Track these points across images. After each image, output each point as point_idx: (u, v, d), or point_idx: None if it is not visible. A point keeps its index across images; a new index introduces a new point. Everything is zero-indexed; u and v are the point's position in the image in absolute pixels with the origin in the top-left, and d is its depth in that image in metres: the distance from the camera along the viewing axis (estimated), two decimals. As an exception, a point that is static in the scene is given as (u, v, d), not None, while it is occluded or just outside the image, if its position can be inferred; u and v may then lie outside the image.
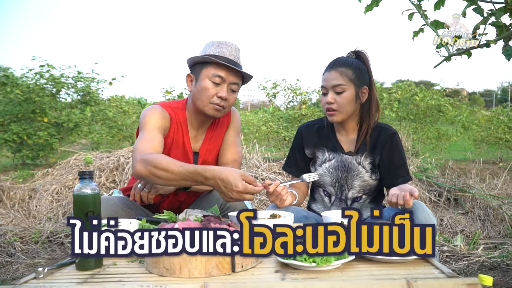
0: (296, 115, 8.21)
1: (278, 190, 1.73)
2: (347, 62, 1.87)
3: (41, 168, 7.98)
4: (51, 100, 7.87)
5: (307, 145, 2.00)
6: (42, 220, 4.35)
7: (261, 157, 5.32)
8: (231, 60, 1.85)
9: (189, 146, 1.96)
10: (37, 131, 7.61)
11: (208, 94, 1.84)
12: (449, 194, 5.47)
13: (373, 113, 1.90)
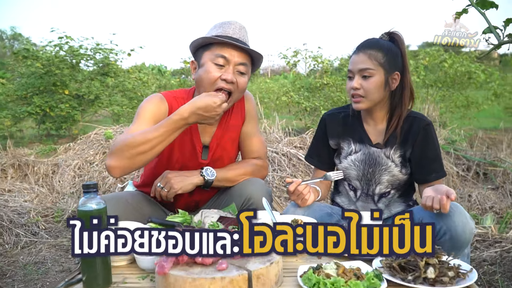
0: (318, 84, 7.98)
1: (299, 189, 1.62)
2: (378, 44, 1.70)
3: (64, 140, 8.10)
4: (71, 72, 7.87)
5: (331, 135, 1.86)
6: (65, 196, 4.40)
7: (282, 130, 5.20)
8: (235, 39, 1.68)
9: (197, 139, 1.82)
10: (58, 103, 7.66)
11: (211, 78, 1.66)
12: (478, 168, 5.27)
13: (405, 102, 1.72)
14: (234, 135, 1.89)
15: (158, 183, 1.64)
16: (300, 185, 1.63)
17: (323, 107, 7.61)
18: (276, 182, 3.92)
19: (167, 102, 1.77)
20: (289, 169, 4.20)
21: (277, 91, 12.55)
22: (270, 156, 4.33)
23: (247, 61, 1.72)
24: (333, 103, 7.67)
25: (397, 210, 1.82)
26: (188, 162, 1.81)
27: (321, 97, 7.93)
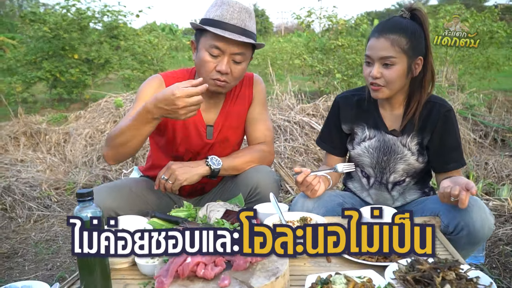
0: (332, 46, 7.72)
1: (308, 180, 1.54)
2: (401, 26, 1.53)
3: (76, 105, 8.10)
4: (79, 35, 7.73)
5: (344, 119, 1.75)
6: (78, 165, 4.41)
7: (294, 96, 5.07)
8: (231, 26, 1.57)
9: (200, 119, 1.75)
10: (68, 68, 7.58)
11: (206, 68, 1.61)
12: (496, 134, 5.12)
13: (425, 86, 1.59)
14: (239, 117, 1.82)
15: (162, 175, 1.58)
16: (309, 175, 1.54)
17: (337, 69, 7.40)
18: (288, 153, 3.85)
19: (166, 84, 1.71)
20: (301, 139, 4.12)
21: (290, 51, 12.26)
22: (282, 125, 4.24)
23: (244, 49, 1.61)
24: (347, 65, 7.46)
25: (413, 198, 1.74)
26: (192, 142, 1.76)
27: (335, 59, 7.70)
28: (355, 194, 1.81)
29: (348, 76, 7.37)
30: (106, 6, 8.02)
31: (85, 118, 5.23)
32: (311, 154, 3.99)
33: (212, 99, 1.77)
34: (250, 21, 1.63)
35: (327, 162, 1.83)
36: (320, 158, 3.95)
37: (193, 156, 1.80)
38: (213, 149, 1.79)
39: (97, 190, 1.64)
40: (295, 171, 1.55)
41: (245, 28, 1.60)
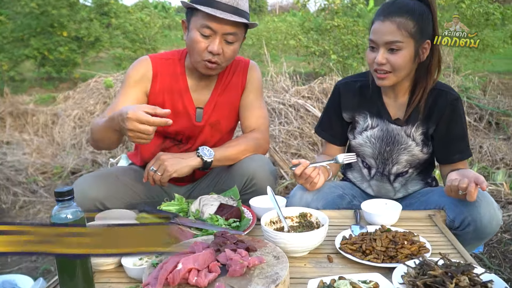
0: (328, 27, 7.56)
1: (307, 172, 1.45)
2: (408, 8, 1.42)
3: (65, 85, 7.91)
4: (68, 12, 7.49)
5: (345, 107, 1.65)
6: (66, 147, 4.30)
7: (289, 78, 4.96)
8: (223, 5, 1.48)
9: (189, 100, 1.67)
10: (57, 46, 7.36)
11: (197, 49, 1.53)
12: (491, 118, 5.07)
13: (432, 72, 1.49)
14: (232, 101, 1.73)
15: (151, 166, 1.49)
16: (308, 167, 1.46)
17: (333, 50, 7.27)
18: (282, 136, 3.76)
19: (152, 67, 1.64)
20: (296, 122, 4.03)
21: (285, 31, 12.05)
22: (276, 108, 4.14)
23: (236, 29, 1.53)
24: (343, 46, 7.32)
25: (415, 189, 1.67)
26: (182, 124, 1.69)
27: (331, 39, 7.55)
28: (355, 185, 1.73)
29: (343, 57, 7.24)
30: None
31: (74, 98, 5.09)
32: (306, 137, 3.91)
33: (203, 81, 1.68)
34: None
35: (326, 151, 1.75)
36: (316, 142, 3.88)
37: (184, 138, 1.72)
38: (203, 133, 1.71)
39: (82, 180, 1.58)
40: (292, 163, 1.46)
41: (238, 7, 1.52)
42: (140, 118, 1.27)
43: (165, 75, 1.65)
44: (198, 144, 1.72)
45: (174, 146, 1.73)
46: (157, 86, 1.64)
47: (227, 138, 1.82)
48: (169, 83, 1.65)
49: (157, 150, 1.70)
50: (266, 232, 1.19)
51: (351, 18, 7.86)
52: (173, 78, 1.66)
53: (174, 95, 1.66)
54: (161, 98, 1.65)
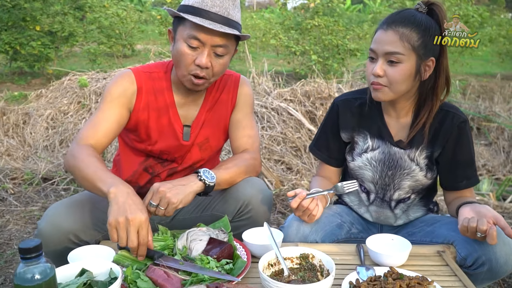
0: (309, 26, 7.50)
1: (304, 204, 1.34)
2: (414, 19, 1.34)
3: (38, 81, 7.61)
4: (41, 6, 7.19)
5: (344, 127, 1.55)
6: (38, 149, 4.10)
7: (271, 80, 4.86)
8: (213, 15, 1.37)
9: (176, 118, 1.55)
10: (30, 40, 7.06)
11: (184, 61, 1.42)
12: (472, 123, 5.09)
13: (438, 93, 1.41)
14: (221, 119, 1.62)
15: (148, 201, 1.30)
16: (305, 199, 1.34)
17: (313, 50, 7.21)
18: (265, 142, 3.67)
19: (136, 81, 1.51)
20: (279, 126, 3.94)
21: (263, 28, 11.97)
22: (259, 112, 4.05)
23: (226, 41, 1.41)
24: (323, 47, 7.28)
25: (416, 215, 1.58)
26: (168, 143, 1.57)
27: (311, 39, 7.50)
28: (351, 209, 1.64)
29: (324, 57, 7.21)
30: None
31: (46, 97, 4.86)
32: (289, 143, 3.83)
33: (190, 96, 1.57)
34: (234, 9, 1.42)
35: (321, 173, 1.65)
36: (299, 147, 3.80)
37: (170, 157, 1.60)
38: (191, 152, 1.60)
39: (53, 210, 1.39)
40: (288, 195, 1.34)
41: (229, 17, 1.40)
42: (142, 233, 1.16)
43: (149, 90, 1.53)
44: (185, 164, 1.60)
45: (158, 164, 1.61)
46: (141, 102, 1.52)
47: (215, 158, 1.72)
48: (154, 99, 1.53)
49: (140, 168, 1.58)
50: (266, 281, 1.07)
51: (331, 18, 7.81)
52: (158, 93, 1.54)
53: (160, 111, 1.54)
54: (146, 115, 1.53)
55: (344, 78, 5.21)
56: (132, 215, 1.15)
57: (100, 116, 1.47)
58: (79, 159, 1.35)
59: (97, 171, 1.29)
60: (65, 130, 4.26)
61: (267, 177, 3.12)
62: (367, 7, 21.36)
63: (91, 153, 1.37)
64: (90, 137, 1.44)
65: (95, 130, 1.45)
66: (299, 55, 7.53)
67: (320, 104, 4.36)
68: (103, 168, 1.32)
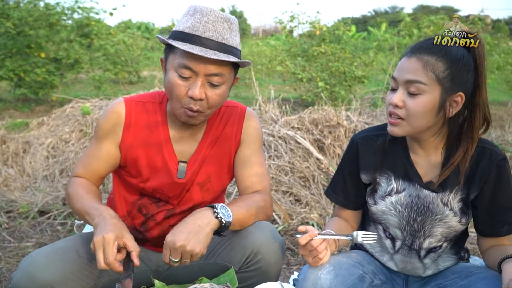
0: (315, 53, 7.45)
1: (313, 244, 1.18)
2: (443, 48, 1.19)
3: (42, 107, 7.56)
4: (47, 33, 7.20)
5: (365, 167, 1.38)
6: (37, 179, 3.97)
7: (278, 108, 4.75)
8: (205, 40, 1.24)
9: (170, 153, 1.41)
10: (34, 67, 7.04)
11: (176, 93, 1.28)
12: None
13: (474, 135, 1.24)
14: (224, 156, 1.46)
15: (169, 258, 1.18)
16: (315, 239, 1.18)
17: (320, 77, 7.14)
18: (272, 172, 3.51)
19: (126, 115, 1.39)
20: (287, 155, 3.79)
21: (269, 55, 12.01)
22: (266, 140, 3.91)
23: (221, 69, 1.27)
24: (330, 74, 7.20)
25: (447, 265, 1.40)
26: (160, 181, 1.41)
27: (318, 66, 7.44)
28: (372, 256, 1.46)
29: (331, 84, 7.12)
30: (77, 1, 7.51)
31: (48, 125, 4.77)
32: (297, 173, 3.67)
33: (188, 130, 1.42)
34: (230, 33, 1.29)
35: (338, 214, 1.48)
36: (307, 178, 3.64)
37: (163, 197, 1.44)
38: (191, 193, 1.44)
39: (30, 260, 1.23)
40: (299, 230, 1.19)
41: (223, 42, 1.27)
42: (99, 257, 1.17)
43: (141, 125, 1.40)
44: (184, 206, 1.44)
45: (152, 204, 1.45)
46: (129, 138, 1.39)
47: (220, 200, 1.56)
48: (145, 135, 1.39)
49: (134, 208, 1.43)
50: None
51: (337, 45, 7.78)
52: (152, 128, 1.40)
53: (152, 148, 1.40)
54: (135, 152, 1.39)
55: (353, 106, 5.09)
56: (107, 234, 1.17)
57: (91, 152, 1.43)
58: (70, 195, 1.37)
59: (84, 204, 1.31)
60: (65, 159, 4.13)
61: (275, 210, 2.95)
62: (371, 34, 21.54)
63: (80, 184, 1.38)
64: (82, 174, 1.43)
65: (86, 168, 1.43)
66: (305, 82, 7.46)
67: (328, 132, 4.23)
68: (92, 199, 1.32)
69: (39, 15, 7.03)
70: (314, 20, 7.96)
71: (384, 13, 49.44)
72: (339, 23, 8.65)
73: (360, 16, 50.74)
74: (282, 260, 1.34)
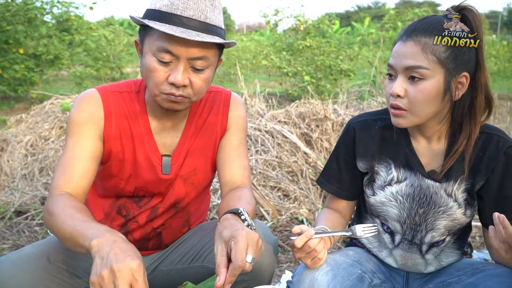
0: (300, 47, 7.38)
1: (311, 245, 1.08)
2: (440, 27, 1.11)
3: (21, 105, 7.35)
4: (26, 28, 6.99)
5: (362, 154, 1.29)
6: (16, 178, 3.82)
7: (264, 102, 4.67)
8: (186, 20, 1.10)
9: (153, 148, 1.30)
10: (13, 64, 6.82)
11: (155, 79, 1.15)
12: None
13: (476, 117, 1.17)
14: (209, 147, 1.36)
15: (245, 258, 0.97)
16: (312, 239, 1.08)
17: (306, 71, 7.08)
18: (260, 167, 3.43)
19: (103, 104, 1.24)
20: (274, 150, 3.72)
21: (254, 50, 11.93)
22: (252, 135, 3.83)
23: (206, 52, 1.14)
24: (316, 68, 7.15)
25: (449, 261, 1.32)
26: (143, 177, 1.30)
27: (303, 60, 7.38)
28: (369, 252, 1.37)
29: (316, 78, 7.07)
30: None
31: (27, 122, 4.61)
32: (284, 167, 3.60)
33: (170, 120, 1.31)
34: (213, 10, 1.15)
35: (331, 205, 1.40)
36: (295, 172, 3.57)
37: (147, 194, 1.33)
38: (174, 188, 1.33)
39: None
40: (293, 232, 1.09)
41: (206, 21, 1.13)
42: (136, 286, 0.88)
43: (120, 114, 1.26)
44: (166, 203, 1.33)
45: (133, 204, 1.34)
46: (111, 129, 1.25)
47: (205, 194, 1.46)
48: (126, 125, 1.27)
49: (113, 210, 1.32)
50: None
51: (323, 38, 7.73)
52: (131, 119, 1.27)
53: (134, 140, 1.28)
54: (119, 144, 1.27)
55: (339, 99, 5.04)
56: (118, 264, 0.87)
57: (70, 154, 1.19)
58: (55, 215, 1.08)
59: (76, 225, 1.02)
60: (45, 157, 3.98)
61: (263, 206, 2.87)
62: (355, 29, 21.58)
63: (68, 203, 1.11)
64: (64, 185, 1.17)
65: (68, 175, 1.17)
66: (291, 76, 7.39)
67: (315, 126, 4.17)
68: (84, 218, 1.05)
69: (17, 10, 6.82)
70: (298, 14, 7.89)
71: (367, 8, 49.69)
72: (323, 17, 8.61)
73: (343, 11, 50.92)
74: (275, 262, 1.24)
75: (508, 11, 40.15)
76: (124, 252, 0.91)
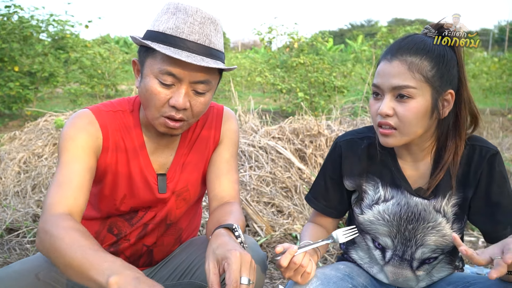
0: (294, 64, 7.46)
1: (296, 261, 1.06)
2: (424, 47, 1.11)
3: (16, 122, 7.34)
4: (21, 46, 7.03)
5: (348, 173, 1.29)
6: (8, 195, 3.79)
7: (258, 118, 4.70)
8: (191, 44, 1.11)
9: (148, 167, 1.28)
10: (7, 81, 6.84)
11: (155, 102, 1.14)
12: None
13: (461, 133, 1.18)
14: (201, 162, 1.35)
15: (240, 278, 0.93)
16: (296, 255, 1.06)
17: (300, 88, 7.14)
18: (254, 183, 3.43)
19: (97, 120, 1.22)
20: (268, 165, 3.72)
21: (248, 68, 12.04)
22: (246, 151, 3.84)
23: (208, 76, 1.15)
24: (309, 84, 7.21)
25: (441, 276, 1.32)
26: (140, 197, 1.28)
27: (297, 77, 7.45)
28: (361, 267, 1.37)
29: (310, 95, 7.13)
30: (52, 15, 7.36)
31: (20, 139, 4.60)
32: (278, 183, 3.60)
33: (164, 139, 1.30)
34: (216, 35, 1.16)
35: (315, 220, 1.40)
36: (289, 187, 3.57)
37: (141, 210, 1.32)
38: (167, 206, 1.32)
39: None
40: (276, 252, 1.07)
41: (210, 46, 1.14)
42: None
43: (115, 129, 1.25)
44: (159, 218, 1.32)
45: (124, 222, 1.33)
46: (109, 141, 1.23)
47: (196, 209, 1.46)
48: (120, 140, 1.25)
49: (103, 229, 1.31)
50: None
51: (317, 56, 7.82)
52: (124, 132, 1.26)
53: (128, 154, 1.26)
54: (114, 157, 1.25)
55: (333, 115, 5.08)
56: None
57: (65, 171, 1.14)
58: (57, 237, 0.99)
59: (85, 253, 0.94)
60: (38, 174, 3.97)
61: (257, 222, 2.87)
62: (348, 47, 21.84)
63: (71, 226, 1.02)
64: (61, 203, 1.10)
65: (63, 192, 1.11)
66: (285, 93, 7.45)
67: (309, 142, 4.19)
68: (93, 247, 0.97)
69: (13, 28, 6.87)
70: (292, 32, 7.99)
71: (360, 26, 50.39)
72: (316, 35, 8.72)
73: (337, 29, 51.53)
74: (264, 277, 1.23)
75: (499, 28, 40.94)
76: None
